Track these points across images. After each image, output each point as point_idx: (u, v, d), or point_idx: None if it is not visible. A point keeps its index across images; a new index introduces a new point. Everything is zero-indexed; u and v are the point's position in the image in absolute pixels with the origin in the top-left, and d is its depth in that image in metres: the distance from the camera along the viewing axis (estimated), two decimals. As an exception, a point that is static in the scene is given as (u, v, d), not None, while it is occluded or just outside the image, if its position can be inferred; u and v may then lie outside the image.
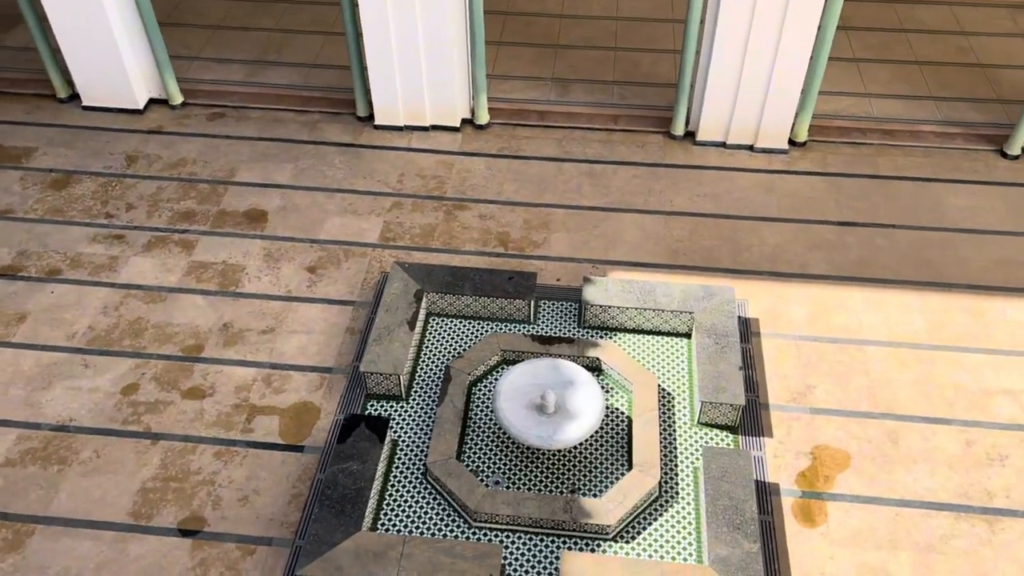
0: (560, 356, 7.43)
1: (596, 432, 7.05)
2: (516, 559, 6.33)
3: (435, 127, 10.49)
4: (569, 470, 6.86)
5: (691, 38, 9.45)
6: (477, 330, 7.96)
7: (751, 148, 10.11)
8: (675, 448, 7.00)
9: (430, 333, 7.95)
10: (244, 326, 8.12)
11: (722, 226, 9.17)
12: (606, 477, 6.82)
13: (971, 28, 11.95)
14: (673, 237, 9.05)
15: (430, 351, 7.80)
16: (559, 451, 6.92)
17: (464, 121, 10.57)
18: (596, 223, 9.24)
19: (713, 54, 9.38)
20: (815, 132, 10.18)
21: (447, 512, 6.60)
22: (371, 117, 10.53)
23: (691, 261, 8.78)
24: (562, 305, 8.21)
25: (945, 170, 9.77)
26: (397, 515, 6.59)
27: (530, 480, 6.80)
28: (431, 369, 7.64)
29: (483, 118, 10.49)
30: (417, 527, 6.52)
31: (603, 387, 7.38)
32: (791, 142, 10.10)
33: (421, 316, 7.85)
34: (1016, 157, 9.88)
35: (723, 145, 10.17)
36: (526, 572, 6.25)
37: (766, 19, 8.94)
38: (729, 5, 8.95)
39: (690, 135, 10.30)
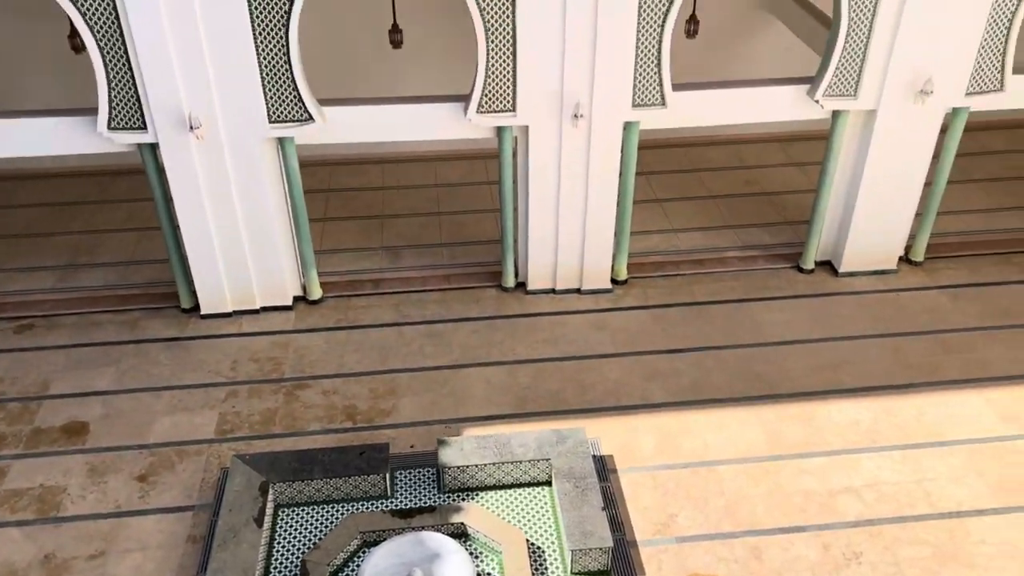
0: (423, 528, 7.14)
1: (470, 603, 6.74)
2: None
3: (266, 308, 10.30)
4: (447, 651, 6.46)
5: (507, 197, 9.99)
6: (332, 515, 7.55)
7: (579, 291, 10.59)
8: (552, 605, 6.78)
9: (281, 527, 7.45)
10: (69, 555, 7.30)
11: (564, 368, 9.39)
12: (487, 651, 6.46)
13: (752, 162, 13.38)
14: (520, 385, 9.15)
15: (283, 547, 7.28)
16: (434, 631, 6.52)
17: (296, 298, 10.46)
18: (443, 382, 9.21)
19: (530, 211, 9.93)
20: (634, 269, 10.83)
21: None
22: (197, 307, 10.21)
23: (540, 406, 8.88)
24: (419, 472, 7.99)
25: (755, 290, 10.60)
26: None
27: (407, 670, 6.32)
28: (286, 566, 7.11)
29: (316, 293, 10.42)
30: None
31: (472, 553, 7.12)
32: (614, 281, 10.67)
33: (269, 510, 7.37)
34: (811, 271, 10.90)
35: (552, 291, 10.59)
36: None
37: (572, 176, 9.63)
38: (537, 167, 9.58)
39: (521, 285, 10.68)
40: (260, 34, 8.43)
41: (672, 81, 9.21)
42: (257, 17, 8.33)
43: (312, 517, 7.54)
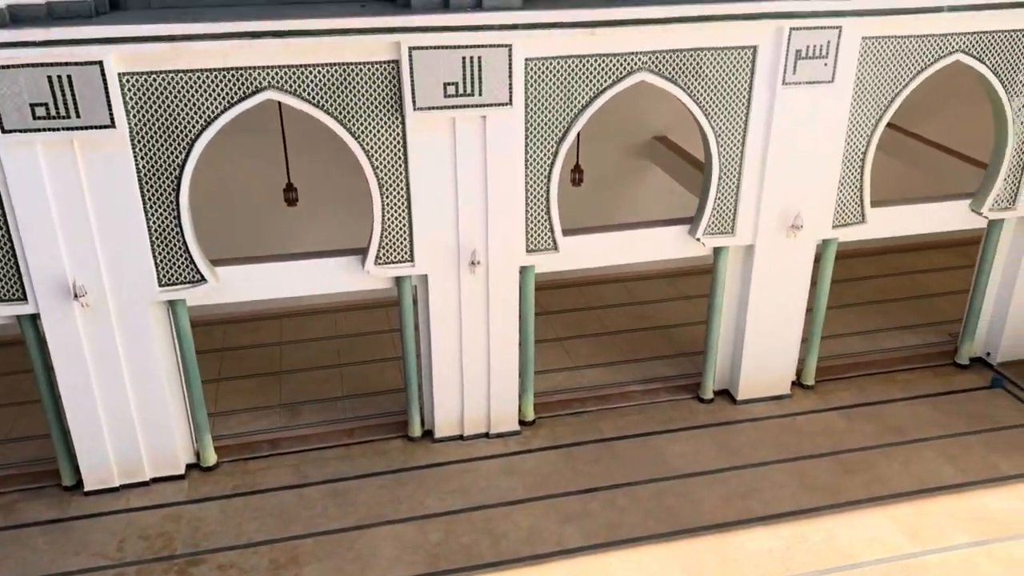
0: None
1: None
2: None
3: (156, 479, 9.68)
4: None
5: (409, 345, 9.94)
6: None
7: (487, 435, 10.45)
8: None
9: None
10: None
11: (475, 519, 9.11)
12: None
13: (645, 298, 13.87)
14: (430, 542, 8.79)
15: None
16: None
17: (189, 466, 9.90)
18: (349, 545, 8.76)
19: (433, 357, 9.89)
20: (540, 409, 10.82)
21: None
22: (80, 484, 9.50)
23: (453, 563, 8.51)
24: (326, 649, 7.42)
25: (659, 423, 10.72)
26: None
27: None
28: None
29: (210, 459, 9.90)
30: None
31: None
32: (521, 422, 10.61)
33: None
34: (711, 400, 11.16)
35: (461, 437, 10.42)
36: None
37: (473, 321, 9.73)
38: (437, 314, 9.65)
39: (428, 434, 10.47)
40: (149, 199, 8.37)
41: (563, 226, 9.58)
42: (146, 183, 8.29)
43: None
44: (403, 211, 9.03)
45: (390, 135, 8.66)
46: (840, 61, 9.30)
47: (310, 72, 8.21)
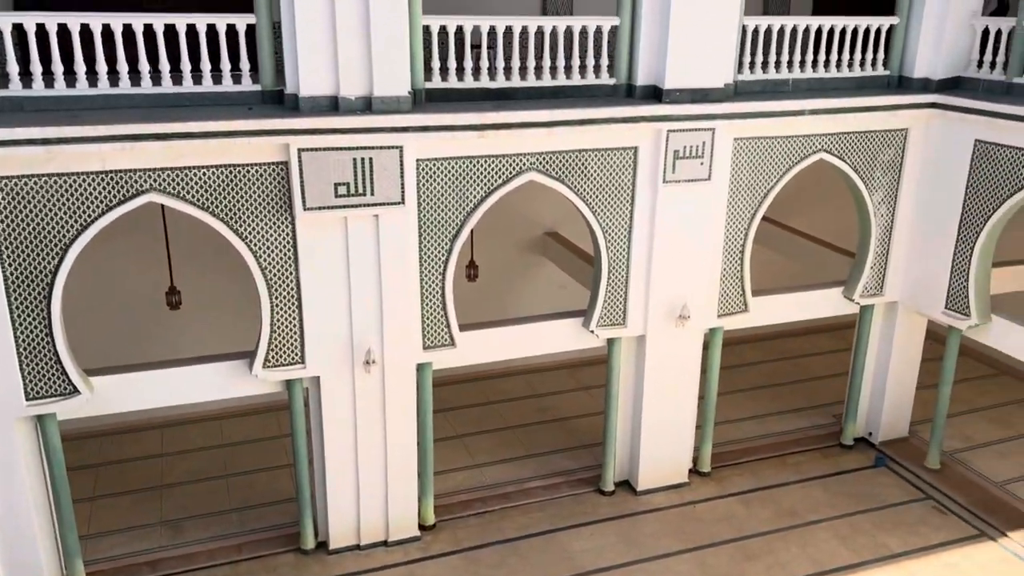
0: None
1: None
2: None
3: (18, 615, 8.78)
4: None
5: (301, 451, 9.54)
6: None
7: (385, 543, 10.02)
8: None
9: None
10: None
11: (375, 635, 8.63)
12: None
13: (544, 390, 13.89)
14: (326, 664, 8.23)
15: None
16: None
17: (57, 598, 9.03)
18: (237, 675, 8.09)
19: (327, 463, 9.51)
20: (441, 511, 10.50)
21: None
22: (-74, 625, 8.50)
23: None
24: None
25: (562, 518, 10.57)
26: None
27: None
28: None
29: (81, 587, 9.08)
30: None
31: None
32: (421, 527, 10.24)
33: None
34: (612, 492, 11.12)
35: (357, 547, 9.95)
36: None
37: (368, 422, 9.44)
38: (331, 417, 9.33)
39: (323, 545, 9.95)
40: (17, 308, 7.86)
41: (459, 321, 9.55)
42: (13, 291, 7.80)
43: None
44: (293, 311, 8.81)
45: (279, 235, 8.52)
46: (715, 160, 9.84)
47: (195, 174, 8.04)
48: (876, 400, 12.27)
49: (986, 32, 10.48)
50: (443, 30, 8.90)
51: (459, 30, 8.99)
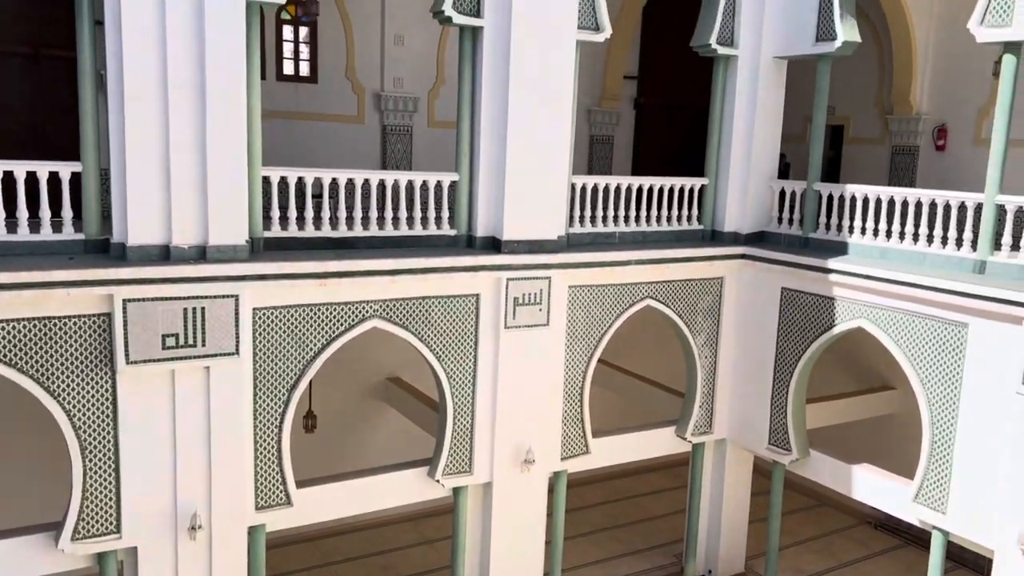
0: None
1: None
2: None
3: None
4: None
5: (112, 635, 8.48)
6: None
7: None
8: None
9: None
10: None
11: None
12: None
13: (386, 546, 13.23)
14: None
15: None
16: None
17: None
18: None
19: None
20: None
21: None
22: None
23: None
24: None
25: None
26: None
27: None
28: None
29: None
30: None
31: None
32: None
33: None
34: (461, 653, 10.57)
35: None
36: None
37: (192, 594, 8.59)
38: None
39: None
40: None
41: (296, 477, 9.04)
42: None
43: None
44: (110, 475, 8.03)
45: (97, 392, 7.86)
46: (553, 307, 10.21)
47: (3, 328, 7.37)
48: (713, 537, 12.60)
49: (783, 192, 11.80)
50: (283, 181, 8.91)
51: (300, 181, 9.04)
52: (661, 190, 11.54)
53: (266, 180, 8.76)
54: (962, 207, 9.74)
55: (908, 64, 13.94)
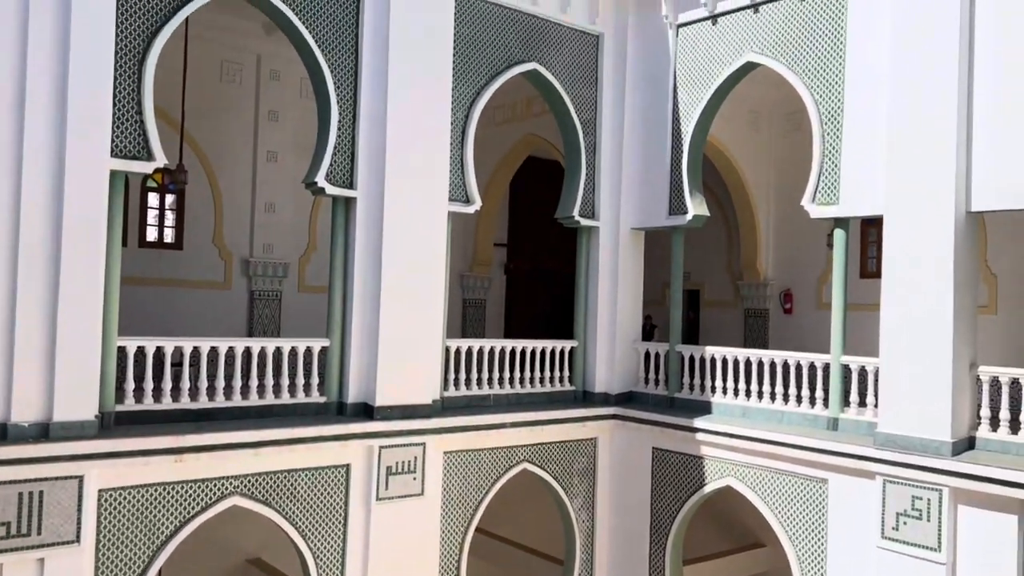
0: None
1: None
2: None
3: None
4: None
5: None
6: None
7: None
8: None
9: None
10: None
11: None
12: None
13: None
14: None
15: None
16: None
17: None
18: None
19: None
20: None
21: None
22: None
23: None
24: None
25: None
26: None
27: None
28: None
29: None
30: None
31: None
32: None
33: None
34: None
35: None
36: None
37: None
38: None
39: None
40: None
41: None
42: None
43: None
44: None
45: (-97, 595, 6.86)
46: (427, 475, 9.91)
47: None
48: None
49: (648, 354, 12.25)
50: (141, 351, 8.47)
51: (158, 351, 8.62)
52: (533, 352, 11.74)
53: (122, 350, 8.30)
54: (812, 367, 10.38)
55: (753, 234, 15.20)
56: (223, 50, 12.66)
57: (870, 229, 13.05)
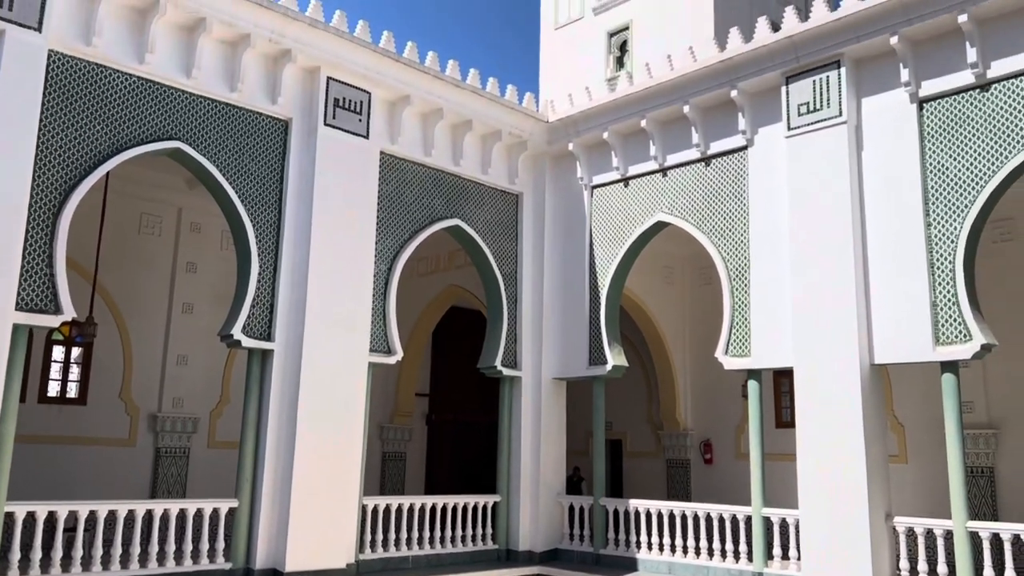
0: None
1: None
2: None
3: None
4: None
5: None
6: None
7: None
8: None
9: None
10: None
11: None
12: None
13: None
14: None
15: None
16: None
17: None
18: None
19: None
20: None
21: None
22: None
23: None
24: None
25: None
26: None
27: None
28: None
29: None
30: None
31: None
32: None
33: None
34: None
35: None
36: None
37: None
38: None
39: None
40: None
41: None
42: None
43: None
44: None
45: None
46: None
47: None
48: None
49: (572, 508, 11.99)
50: (30, 516, 7.84)
51: (50, 516, 8.00)
52: (455, 508, 11.36)
53: (10, 516, 7.67)
54: (735, 519, 10.32)
55: (671, 385, 15.43)
56: (143, 203, 12.62)
57: (783, 379, 13.43)
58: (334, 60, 10.27)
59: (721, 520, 10.45)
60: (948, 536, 8.69)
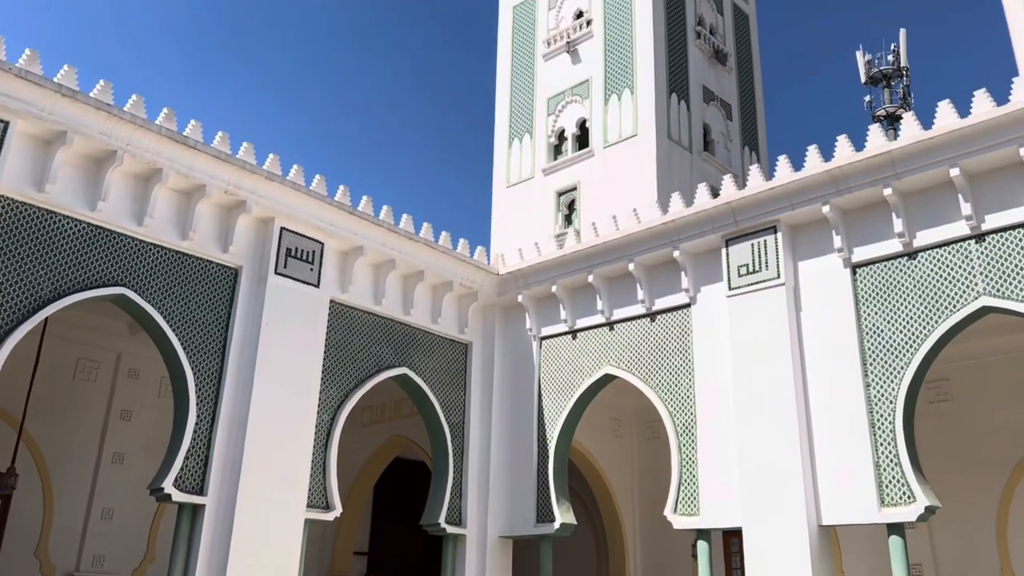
0: None
1: None
2: None
3: None
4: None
5: None
6: None
7: None
8: None
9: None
10: None
11: None
12: None
13: None
14: None
15: None
16: None
17: None
18: None
19: None
20: None
21: None
22: None
23: None
24: None
25: None
26: None
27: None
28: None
29: None
30: None
31: None
32: None
33: None
34: None
35: None
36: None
37: None
38: None
39: None
40: None
41: None
42: None
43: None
44: None
45: None
46: None
47: None
48: None
49: None
50: None
51: None
52: None
53: None
54: None
55: (620, 542, 14.98)
56: (82, 347, 12.29)
57: (732, 539, 13.16)
58: (289, 211, 10.43)
59: None
60: None
